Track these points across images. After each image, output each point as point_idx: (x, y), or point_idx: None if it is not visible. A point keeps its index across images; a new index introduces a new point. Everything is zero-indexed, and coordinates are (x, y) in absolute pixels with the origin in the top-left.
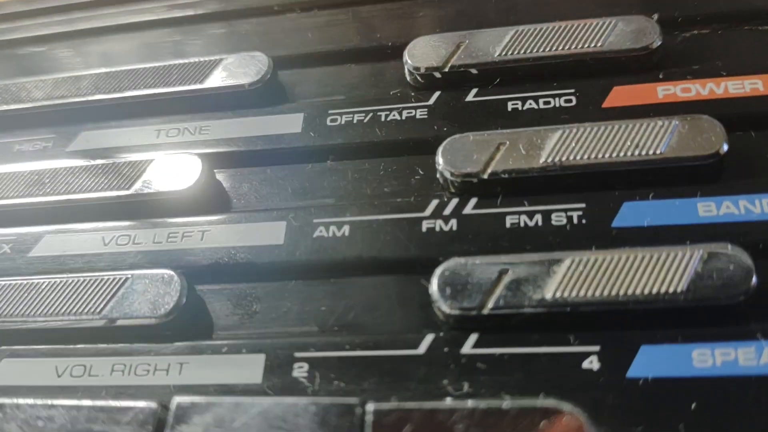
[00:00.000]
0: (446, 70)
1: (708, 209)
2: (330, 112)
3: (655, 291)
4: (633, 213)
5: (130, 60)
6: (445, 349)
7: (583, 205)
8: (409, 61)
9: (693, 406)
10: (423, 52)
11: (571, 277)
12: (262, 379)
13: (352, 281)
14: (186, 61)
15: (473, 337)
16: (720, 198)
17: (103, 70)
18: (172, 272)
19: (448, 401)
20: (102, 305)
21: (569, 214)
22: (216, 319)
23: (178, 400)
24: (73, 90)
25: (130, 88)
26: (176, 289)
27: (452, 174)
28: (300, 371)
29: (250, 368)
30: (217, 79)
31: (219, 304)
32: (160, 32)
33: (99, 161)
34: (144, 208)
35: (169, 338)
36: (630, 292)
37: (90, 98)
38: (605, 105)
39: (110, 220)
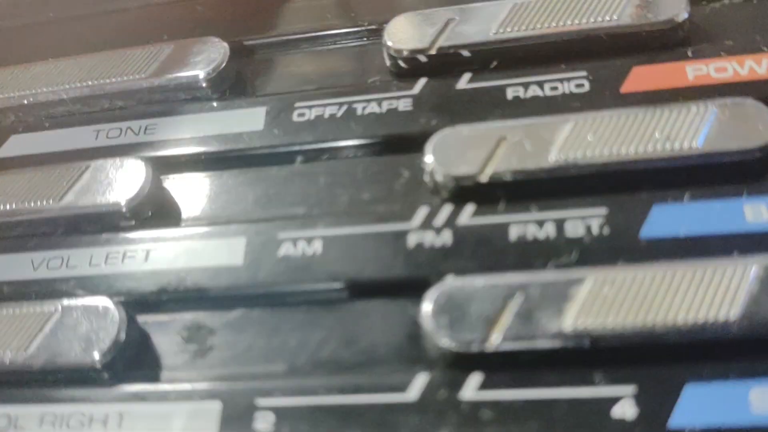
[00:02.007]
0: (433, 52)
1: (758, 213)
2: (297, 105)
3: (700, 318)
4: (665, 219)
5: (63, 51)
6: (441, 393)
7: (604, 211)
8: (389, 44)
9: None
10: (406, 33)
11: (594, 301)
12: None
13: (326, 309)
14: (128, 50)
15: (476, 378)
16: None
17: (34, 64)
18: (108, 301)
19: None
20: (27, 344)
21: (588, 222)
22: (163, 357)
23: None
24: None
25: (65, 83)
26: (113, 322)
27: (444, 176)
28: (264, 423)
29: (204, 419)
30: (164, 70)
31: (166, 339)
32: (97, 19)
33: (29, 170)
34: (78, 224)
35: (106, 382)
36: (669, 320)
37: (19, 95)
38: (624, 89)
39: (41, 239)
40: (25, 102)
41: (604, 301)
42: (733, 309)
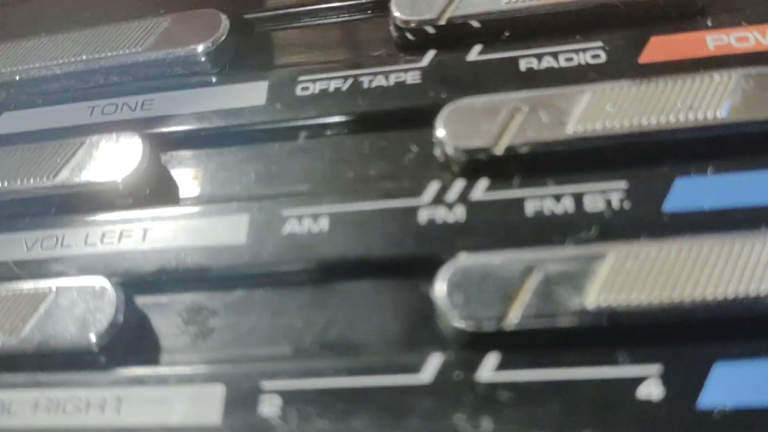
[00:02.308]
0: (442, 23)
1: None
2: (300, 79)
3: (729, 294)
4: (688, 193)
5: (56, 26)
6: (457, 374)
7: (624, 184)
8: (396, 14)
9: None
10: (413, 3)
11: (617, 277)
12: (222, 418)
13: (333, 288)
14: (124, 23)
15: (493, 358)
16: None
17: (27, 39)
18: (105, 281)
19: None
20: (20, 325)
21: (608, 196)
22: (162, 340)
23: None
24: None
25: (58, 58)
26: (111, 303)
27: (455, 149)
28: (270, 407)
29: (206, 404)
30: (161, 44)
31: (166, 321)
32: None
33: (21, 147)
34: (73, 202)
35: (103, 366)
36: (696, 295)
37: (11, 71)
38: (642, 60)
39: (34, 218)
40: (18, 78)
41: (628, 276)
42: (764, 284)
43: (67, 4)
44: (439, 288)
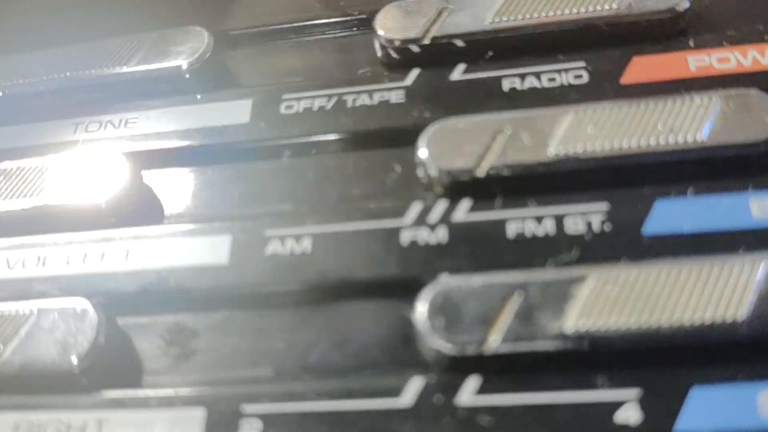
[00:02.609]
0: (426, 42)
1: (764, 208)
2: (285, 97)
3: (707, 319)
4: (668, 215)
5: (40, 43)
6: (437, 398)
7: (605, 207)
8: (380, 33)
9: None
10: (397, 22)
11: (596, 301)
12: None
13: (315, 310)
14: (108, 40)
15: (473, 382)
16: None
17: (10, 55)
18: (86, 303)
19: None
20: (1, 348)
21: (588, 218)
22: (144, 362)
23: None
24: None
25: (42, 74)
26: (92, 325)
27: (438, 170)
28: (251, 431)
29: (187, 427)
30: (145, 61)
31: (147, 342)
32: (75, 9)
33: (4, 164)
34: (55, 222)
35: (85, 388)
36: (674, 320)
37: None
38: (624, 81)
39: (16, 237)
40: (1, 94)
41: (607, 300)
42: (741, 309)
43: (51, 20)
44: (420, 310)
